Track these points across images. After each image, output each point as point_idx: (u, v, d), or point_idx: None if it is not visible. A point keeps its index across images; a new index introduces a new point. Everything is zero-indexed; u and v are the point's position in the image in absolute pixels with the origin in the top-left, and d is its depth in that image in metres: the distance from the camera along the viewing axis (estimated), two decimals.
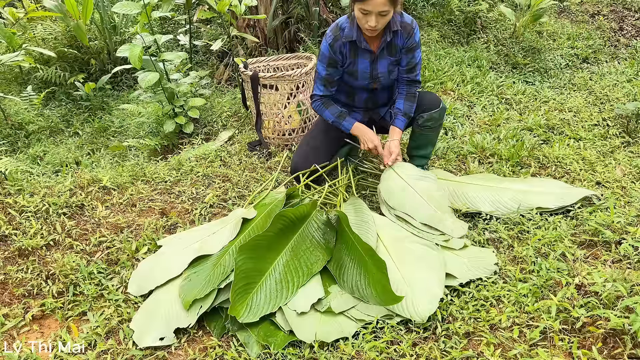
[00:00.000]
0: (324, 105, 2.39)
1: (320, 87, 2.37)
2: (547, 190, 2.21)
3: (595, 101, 3.36)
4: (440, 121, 2.41)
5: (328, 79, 2.33)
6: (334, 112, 2.39)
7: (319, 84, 2.37)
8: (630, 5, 5.05)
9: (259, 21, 4.23)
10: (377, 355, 1.55)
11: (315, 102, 2.41)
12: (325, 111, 2.40)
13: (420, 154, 2.49)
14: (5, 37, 3.18)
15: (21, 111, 3.51)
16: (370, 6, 2.00)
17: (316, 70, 2.37)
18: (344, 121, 2.38)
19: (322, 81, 2.35)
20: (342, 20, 2.26)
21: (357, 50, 2.26)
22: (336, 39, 2.22)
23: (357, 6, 2.04)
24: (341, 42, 2.23)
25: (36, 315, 1.80)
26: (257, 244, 1.83)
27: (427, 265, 1.81)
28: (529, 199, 2.16)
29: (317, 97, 2.40)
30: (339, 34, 2.23)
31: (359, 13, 2.06)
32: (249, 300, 1.70)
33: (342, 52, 2.25)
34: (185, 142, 3.19)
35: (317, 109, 2.42)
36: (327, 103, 2.40)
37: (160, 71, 3.00)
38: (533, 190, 2.21)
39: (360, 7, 2.03)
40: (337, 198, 2.37)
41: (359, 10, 2.05)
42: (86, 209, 2.35)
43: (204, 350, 1.65)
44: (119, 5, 2.75)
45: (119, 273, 1.99)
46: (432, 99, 2.38)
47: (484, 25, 4.53)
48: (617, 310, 1.50)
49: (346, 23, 2.23)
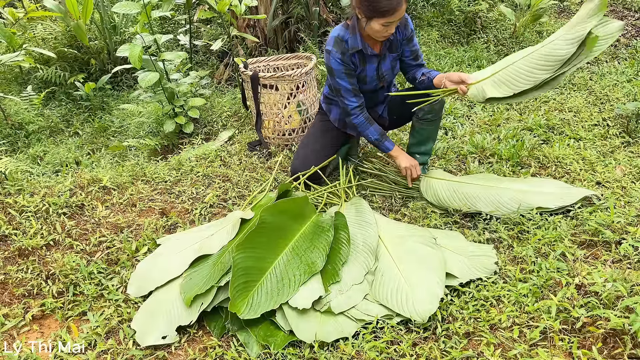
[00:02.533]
0: (368, 122, 2.33)
1: (353, 98, 2.28)
2: (546, 191, 2.21)
3: (595, 101, 3.36)
4: (440, 113, 2.41)
5: (355, 89, 2.28)
6: (378, 130, 2.34)
7: (349, 96, 2.28)
8: (630, 5, 5.05)
9: (259, 21, 4.23)
10: (377, 355, 1.55)
11: (358, 116, 2.31)
12: (370, 128, 2.33)
13: (421, 151, 2.50)
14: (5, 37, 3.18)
15: (21, 111, 3.51)
16: (395, 17, 1.99)
17: (338, 88, 2.28)
18: (385, 142, 2.34)
19: (352, 92, 2.27)
20: (339, 32, 2.22)
21: (365, 57, 2.26)
22: (344, 53, 2.19)
23: (382, 20, 2.00)
24: (349, 55, 2.21)
25: (36, 315, 1.80)
26: (253, 240, 1.83)
27: (428, 265, 1.81)
28: (528, 199, 2.15)
29: (357, 109, 2.30)
30: (344, 47, 2.19)
31: (380, 27, 2.02)
32: (250, 297, 1.70)
33: (353, 62, 2.24)
34: (185, 142, 3.19)
35: (361, 124, 2.32)
36: (369, 119, 2.34)
37: (160, 71, 3.00)
38: (533, 190, 2.21)
39: (387, 20, 1.99)
40: (338, 198, 2.38)
41: (382, 24, 2.01)
42: (86, 209, 2.34)
43: (204, 350, 1.65)
44: (119, 5, 2.75)
45: (119, 273, 1.99)
46: None
47: (484, 25, 4.53)
48: (617, 310, 1.50)
49: (346, 34, 2.20)
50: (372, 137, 2.34)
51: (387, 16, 1.97)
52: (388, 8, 1.95)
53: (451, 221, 2.18)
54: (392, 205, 2.38)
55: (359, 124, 2.33)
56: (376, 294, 1.75)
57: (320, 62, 3.94)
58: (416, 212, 2.27)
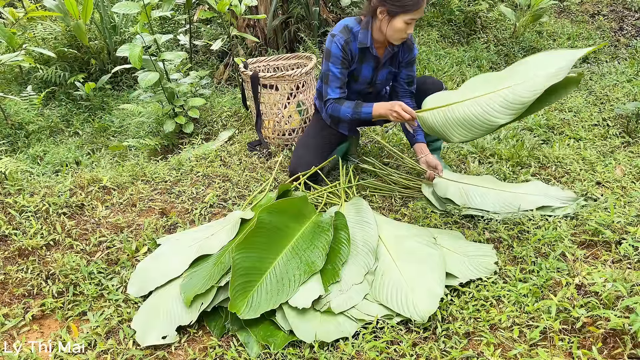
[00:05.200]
0: (338, 103, 2.28)
1: (337, 89, 2.26)
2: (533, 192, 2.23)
3: (595, 101, 3.36)
4: None
5: (343, 80, 2.26)
6: (350, 105, 2.25)
7: (334, 86, 2.25)
8: (630, 5, 5.05)
9: (259, 21, 4.23)
10: (377, 355, 1.55)
11: (330, 105, 2.30)
12: (341, 108, 2.26)
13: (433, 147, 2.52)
14: (5, 37, 3.18)
15: (21, 111, 3.51)
16: (418, 14, 2.04)
17: (327, 74, 2.25)
18: (363, 108, 2.22)
19: (339, 83, 2.25)
20: (349, 22, 2.22)
21: (365, 57, 2.26)
22: (347, 42, 2.19)
23: (406, 17, 2.03)
24: (353, 46, 2.20)
25: (36, 315, 1.80)
26: (253, 240, 1.83)
27: (428, 265, 1.81)
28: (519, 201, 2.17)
29: (332, 101, 2.29)
30: (349, 37, 2.19)
31: (403, 24, 2.05)
32: (250, 297, 1.70)
33: (352, 55, 2.23)
34: (185, 142, 3.19)
35: (332, 110, 2.29)
36: (339, 101, 2.29)
37: (160, 71, 3.00)
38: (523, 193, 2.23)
39: (411, 17, 2.03)
40: (338, 198, 2.38)
41: (406, 21, 2.04)
42: (86, 209, 2.34)
43: (204, 350, 1.65)
44: (119, 5, 2.75)
45: (119, 273, 1.99)
46: (435, 82, 2.44)
47: (484, 25, 4.53)
48: (617, 310, 1.50)
49: (357, 27, 2.20)
50: (348, 114, 2.26)
51: (412, 11, 2.02)
52: (414, 2, 2.01)
53: (451, 221, 2.18)
54: (392, 205, 2.38)
55: (331, 110, 2.29)
56: (376, 294, 1.75)
57: (320, 62, 3.94)
58: (416, 212, 2.27)
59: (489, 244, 2.00)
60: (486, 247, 1.96)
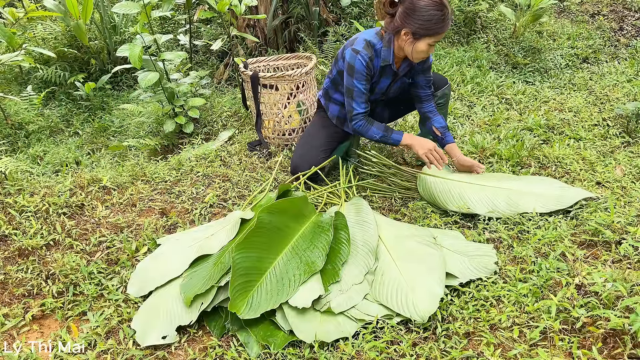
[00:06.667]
0: (369, 123, 2.32)
1: (362, 104, 2.29)
2: (544, 192, 2.19)
3: (595, 101, 3.36)
4: (449, 97, 2.57)
5: (367, 95, 2.30)
6: (380, 128, 2.32)
7: (359, 101, 2.28)
8: (630, 5, 5.05)
9: (259, 21, 4.23)
10: (377, 355, 1.55)
11: (359, 121, 2.31)
12: (372, 128, 2.31)
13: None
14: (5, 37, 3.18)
15: (21, 111, 3.51)
16: (441, 37, 2.08)
17: (352, 89, 2.27)
18: (393, 134, 2.31)
19: (364, 98, 2.28)
20: (370, 37, 2.24)
21: (385, 72, 2.31)
22: (371, 59, 2.23)
23: (430, 40, 2.07)
24: (376, 62, 2.24)
25: (36, 315, 1.80)
26: (253, 240, 1.83)
27: (428, 265, 1.81)
28: (524, 202, 2.14)
29: (361, 116, 2.31)
30: (373, 54, 2.22)
31: (427, 46, 2.09)
32: (250, 297, 1.70)
33: (374, 71, 2.27)
34: (185, 142, 3.19)
35: (361, 127, 2.32)
36: (369, 120, 2.34)
37: (160, 71, 3.00)
38: (530, 192, 2.19)
39: (435, 40, 2.07)
40: (338, 198, 2.38)
41: (430, 43, 2.08)
42: (86, 209, 2.35)
43: (204, 350, 1.65)
44: (119, 5, 2.75)
45: (119, 273, 1.99)
46: (439, 77, 2.51)
47: (484, 25, 4.53)
48: (617, 310, 1.50)
49: (379, 44, 2.23)
50: (377, 136, 2.33)
51: (437, 35, 2.06)
52: (440, 26, 2.05)
53: (451, 221, 2.18)
54: (392, 205, 2.38)
55: (360, 127, 2.33)
56: (376, 294, 1.75)
57: (320, 62, 3.94)
58: (416, 212, 2.27)
59: (489, 244, 2.00)
60: (486, 247, 1.95)
